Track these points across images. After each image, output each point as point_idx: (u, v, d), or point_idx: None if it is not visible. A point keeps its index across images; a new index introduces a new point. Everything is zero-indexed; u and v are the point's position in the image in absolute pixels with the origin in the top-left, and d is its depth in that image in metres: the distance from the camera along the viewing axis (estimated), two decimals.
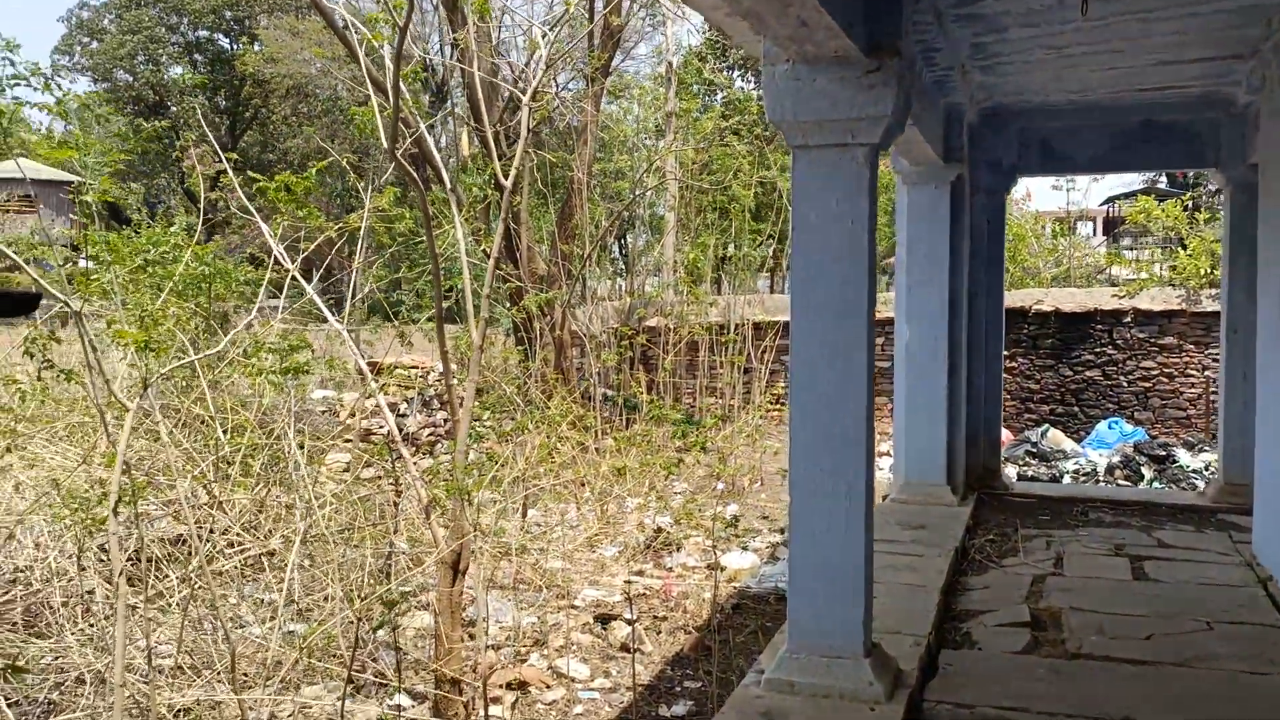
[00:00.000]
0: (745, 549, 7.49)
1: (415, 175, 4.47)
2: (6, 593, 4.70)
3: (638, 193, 11.77)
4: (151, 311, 5.22)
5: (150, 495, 4.93)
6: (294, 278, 5.07)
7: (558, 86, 11.56)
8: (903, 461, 6.60)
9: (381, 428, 7.81)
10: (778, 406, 12.42)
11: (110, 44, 33.15)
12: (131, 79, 33.84)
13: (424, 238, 5.55)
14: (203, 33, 36.61)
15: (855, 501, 3.46)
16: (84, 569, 4.60)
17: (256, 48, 35.46)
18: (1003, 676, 3.83)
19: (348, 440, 7.65)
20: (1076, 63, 5.71)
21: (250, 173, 6.16)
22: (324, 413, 9.47)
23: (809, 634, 3.50)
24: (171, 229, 9.43)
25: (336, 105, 29.57)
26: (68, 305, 3.20)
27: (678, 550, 7.53)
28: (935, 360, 6.46)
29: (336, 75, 28.64)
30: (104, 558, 4.58)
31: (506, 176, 4.81)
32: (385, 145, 4.33)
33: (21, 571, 4.72)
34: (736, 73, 31.26)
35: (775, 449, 10.94)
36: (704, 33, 27.14)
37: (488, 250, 4.84)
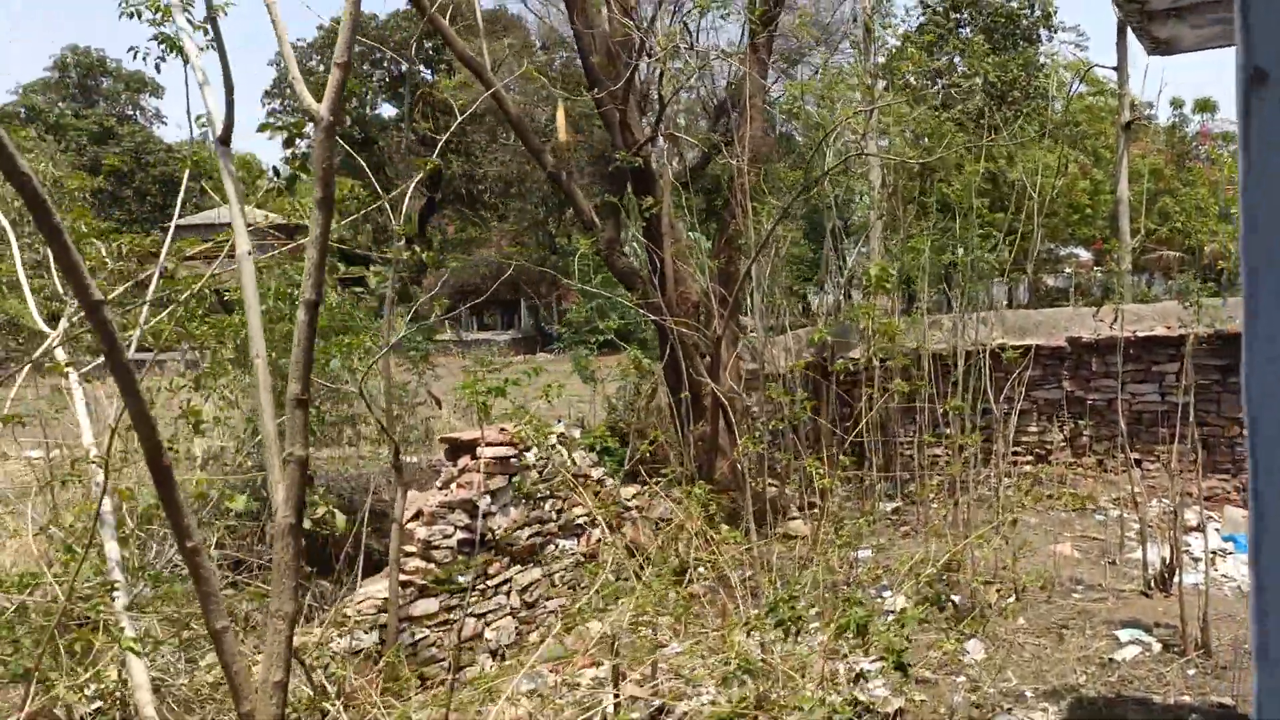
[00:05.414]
0: None
1: None
2: None
3: (826, 172, 8.89)
4: None
5: None
6: None
7: (692, 37, 8.91)
8: None
9: (447, 536, 5.56)
10: (1035, 463, 9.13)
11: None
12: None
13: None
14: (405, 65, 37.12)
15: None
16: None
17: (455, 76, 35.47)
18: None
19: (410, 554, 5.49)
20: None
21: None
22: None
23: None
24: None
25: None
26: None
27: None
28: None
29: (518, 92, 27.68)
30: None
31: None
32: None
33: None
34: (957, 57, 27.37)
35: (1037, 540, 7.72)
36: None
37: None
